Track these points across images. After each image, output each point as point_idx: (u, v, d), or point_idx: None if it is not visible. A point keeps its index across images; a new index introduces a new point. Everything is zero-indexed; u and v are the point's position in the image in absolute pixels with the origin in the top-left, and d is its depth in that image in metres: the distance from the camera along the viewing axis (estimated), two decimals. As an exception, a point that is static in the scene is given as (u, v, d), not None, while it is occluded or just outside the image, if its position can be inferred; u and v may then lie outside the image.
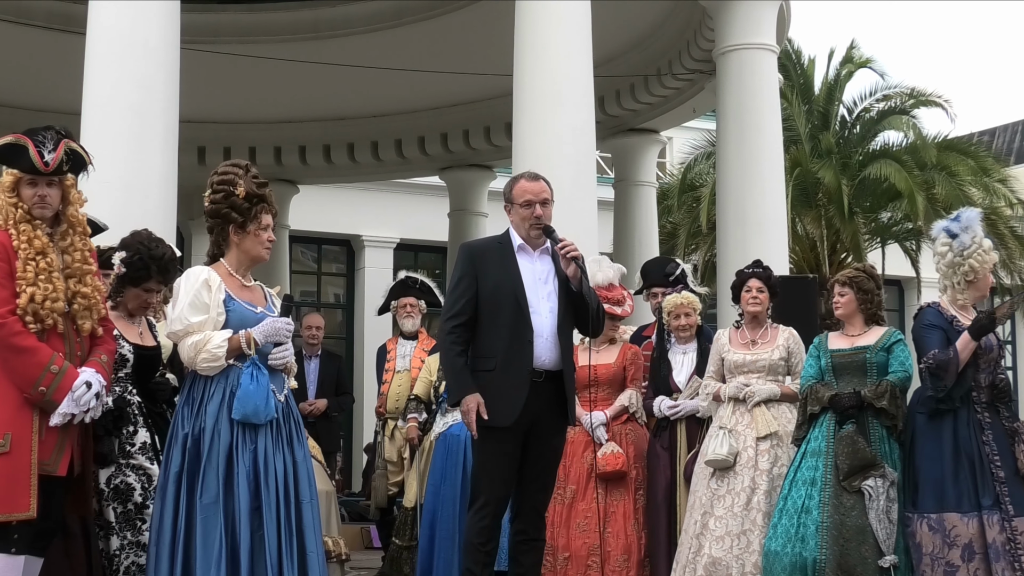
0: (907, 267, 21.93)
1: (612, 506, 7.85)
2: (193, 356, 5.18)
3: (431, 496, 8.33)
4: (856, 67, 20.92)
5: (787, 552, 6.75)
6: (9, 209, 5.03)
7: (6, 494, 4.79)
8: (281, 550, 5.11)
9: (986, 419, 6.53)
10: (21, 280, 4.92)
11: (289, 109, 16.56)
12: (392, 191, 21.94)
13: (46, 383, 4.84)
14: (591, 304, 6.09)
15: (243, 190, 5.34)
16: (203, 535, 5.01)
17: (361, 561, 10.88)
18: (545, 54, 10.24)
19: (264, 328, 5.28)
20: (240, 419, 5.14)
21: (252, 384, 5.18)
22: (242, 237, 5.39)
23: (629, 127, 16.27)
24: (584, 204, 10.11)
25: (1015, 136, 30.49)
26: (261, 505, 5.11)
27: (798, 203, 19.07)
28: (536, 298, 6.12)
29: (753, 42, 12.37)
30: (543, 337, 6.08)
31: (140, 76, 9.20)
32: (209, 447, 5.11)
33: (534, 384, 6.02)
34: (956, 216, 6.87)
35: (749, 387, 7.40)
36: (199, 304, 5.20)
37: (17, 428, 4.84)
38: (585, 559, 7.75)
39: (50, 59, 13.78)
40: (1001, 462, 6.43)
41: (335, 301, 23.89)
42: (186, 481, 5.10)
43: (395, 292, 10.07)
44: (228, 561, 5.01)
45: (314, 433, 10.02)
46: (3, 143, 5.04)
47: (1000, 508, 6.38)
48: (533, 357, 6.03)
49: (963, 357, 6.51)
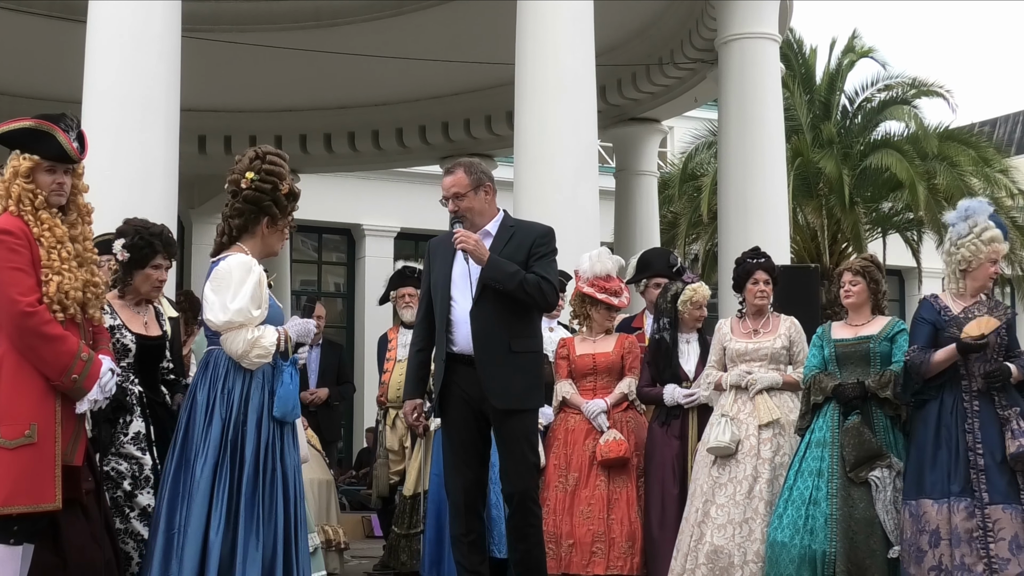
0: (908, 257, 21.94)
1: (615, 493, 7.86)
2: (248, 351, 5.18)
3: (436, 486, 8.33)
4: (858, 57, 20.91)
5: (795, 544, 6.74)
6: (27, 196, 4.95)
7: (33, 485, 4.76)
8: (297, 545, 5.20)
9: (974, 407, 6.48)
10: (47, 269, 4.87)
11: (290, 98, 16.54)
12: (393, 180, 21.93)
13: (78, 371, 4.82)
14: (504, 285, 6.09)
15: (287, 186, 5.44)
16: (244, 528, 5.05)
17: (362, 550, 10.88)
18: (547, 43, 10.24)
19: (298, 328, 5.37)
20: (280, 417, 5.22)
21: (292, 384, 5.28)
22: (272, 231, 5.46)
23: (630, 116, 16.27)
24: (585, 193, 10.12)
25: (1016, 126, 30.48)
26: (289, 500, 5.20)
27: (799, 193, 19.07)
28: (461, 286, 6.21)
29: (755, 31, 12.37)
30: (458, 323, 6.19)
31: (141, 65, 9.20)
32: (251, 441, 5.14)
33: (456, 368, 6.15)
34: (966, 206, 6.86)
35: (751, 375, 7.40)
36: (258, 297, 5.23)
37: (42, 419, 4.82)
38: (590, 546, 7.76)
39: (51, 48, 13.76)
40: (984, 449, 6.39)
41: (335, 290, 23.90)
42: (226, 473, 5.10)
43: (394, 282, 10.06)
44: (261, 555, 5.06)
45: (315, 422, 10.04)
46: (23, 127, 4.99)
47: (972, 495, 6.37)
48: (449, 343, 6.19)
49: (939, 363, 6.52)
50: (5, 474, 4.72)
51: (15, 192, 4.95)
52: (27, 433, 4.75)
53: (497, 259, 6.09)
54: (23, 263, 4.84)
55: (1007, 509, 6.32)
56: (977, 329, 6.46)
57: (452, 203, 6.24)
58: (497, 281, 6.06)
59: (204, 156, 16.75)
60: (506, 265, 6.09)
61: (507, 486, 6.25)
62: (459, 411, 6.16)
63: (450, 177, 6.30)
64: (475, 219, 6.24)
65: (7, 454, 4.73)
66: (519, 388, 6.17)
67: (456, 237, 6.11)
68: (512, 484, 6.19)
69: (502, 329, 6.12)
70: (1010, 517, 6.31)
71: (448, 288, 6.22)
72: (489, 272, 6.06)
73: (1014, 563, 6.24)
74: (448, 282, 6.22)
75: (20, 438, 4.73)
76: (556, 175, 10.08)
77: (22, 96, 14.86)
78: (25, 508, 4.76)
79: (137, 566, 5.55)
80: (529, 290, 6.11)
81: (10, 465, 4.73)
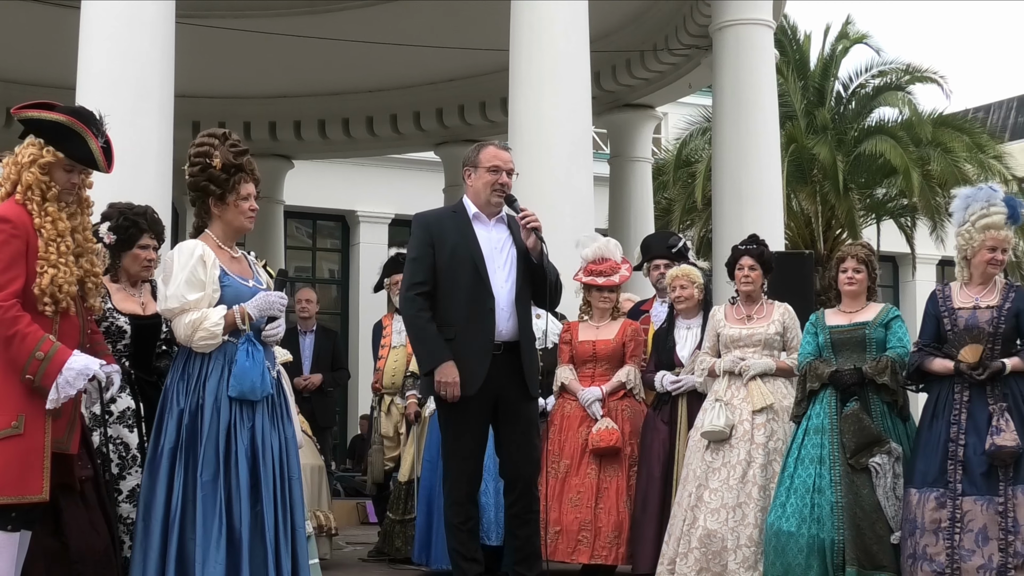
0: (902, 243, 21.96)
1: (605, 482, 7.87)
2: (190, 334, 5.14)
3: (428, 472, 8.34)
4: (852, 43, 20.92)
5: (803, 533, 6.75)
6: (40, 187, 4.88)
7: (19, 476, 4.71)
8: (277, 526, 5.13)
9: (964, 397, 6.48)
10: (43, 260, 4.81)
11: (284, 84, 16.52)
12: (387, 166, 21.92)
13: (32, 371, 4.72)
14: (549, 276, 6.07)
15: (219, 161, 5.28)
16: (203, 512, 4.99)
17: (357, 536, 10.90)
18: (542, 29, 10.23)
19: (258, 302, 5.24)
20: (237, 396, 5.12)
21: (248, 361, 5.15)
22: (223, 209, 5.34)
23: (625, 103, 16.26)
24: (580, 180, 10.11)
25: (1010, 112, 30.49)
26: (259, 482, 5.11)
27: (793, 179, 19.09)
28: (493, 267, 6.13)
29: (749, 17, 12.37)
30: (501, 307, 6.09)
31: (135, 51, 9.18)
32: (208, 424, 5.08)
33: (494, 355, 6.04)
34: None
35: (744, 361, 7.41)
36: (195, 281, 5.16)
37: (30, 409, 4.76)
38: (576, 534, 7.77)
39: (45, 33, 13.73)
40: (967, 440, 6.39)
41: (330, 277, 23.89)
42: (182, 457, 5.07)
43: (388, 269, 10.06)
44: (227, 538, 5.00)
45: (309, 408, 10.04)
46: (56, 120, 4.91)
47: (947, 486, 6.38)
48: (495, 327, 6.04)
49: (935, 372, 6.57)
50: None
51: (28, 180, 4.87)
52: (14, 424, 4.70)
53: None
54: (7, 255, 4.75)
55: (979, 501, 6.32)
56: (972, 356, 6.47)
57: (506, 176, 6.24)
58: (549, 270, 6.06)
59: (198, 142, 16.70)
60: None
61: (512, 472, 6.23)
62: (477, 399, 6.06)
63: (509, 153, 6.31)
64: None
65: None
66: (537, 376, 6.26)
67: (529, 217, 6.07)
68: (519, 470, 6.18)
69: (530, 316, 6.15)
70: (981, 509, 6.30)
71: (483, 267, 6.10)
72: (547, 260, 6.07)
73: (978, 555, 6.25)
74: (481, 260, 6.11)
75: (7, 428, 4.68)
76: (550, 161, 10.06)
77: (16, 82, 14.84)
78: (10, 500, 4.71)
79: (130, 550, 5.55)
80: (559, 286, 6.18)
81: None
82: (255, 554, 5.05)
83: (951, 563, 6.28)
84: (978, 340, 6.48)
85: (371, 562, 9.19)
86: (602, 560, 7.77)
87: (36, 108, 4.98)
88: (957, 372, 6.48)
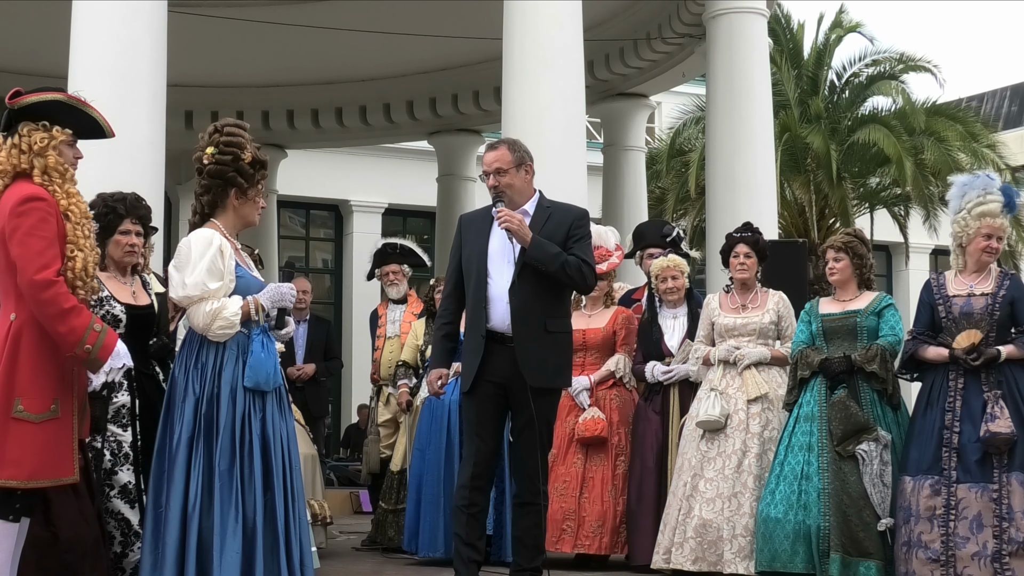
0: (895, 232, 21.98)
1: (591, 472, 7.88)
2: (209, 323, 5.18)
3: (417, 461, 8.35)
4: (845, 32, 20.90)
5: (790, 520, 6.78)
6: (61, 169, 4.91)
7: (55, 459, 4.76)
8: (288, 513, 5.18)
9: (959, 385, 6.50)
10: (71, 244, 4.83)
11: (277, 73, 16.48)
12: (381, 156, 21.90)
13: (91, 341, 4.76)
14: (547, 266, 6.07)
15: (250, 155, 5.36)
16: (220, 500, 5.04)
17: (351, 525, 10.91)
18: (535, 18, 10.21)
19: (270, 294, 5.33)
20: (252, 387, 5.18)
21: (263, 352, 5.23)
22: (243, 202, 5.40)
23: (618, 92, 16.24)
24: (573, 169, 10.10)
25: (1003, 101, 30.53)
26: (271, 470, 5.17)
27: (787, 168, 19.09)
28: (498, 263, 6.15)
29: (743, 6, 12.34)
30: (495, 300, 6.12)
31: (127, 40, 9.14)
32: (225, 413, 5.12)
33: (489, 346, 6.07)
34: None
35: (739, 350, 7.41)
36: (215, 270, 5.21)
37: (63, 393, 4.82)
38: (560, 523, 7.78)
39: (36, 22, 13.68)
40: (962, 428, 6.41)
41: (323, 266, 23.88)
42: (202, 447, 5.11)
43: (378, 260, 10.05)
44: (240, 525, 5.05)
45: (302, 398, 10.03)
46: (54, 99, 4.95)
47: (941, 473, 6.40)
48: (487, 320, 6.10)
49: (929, 360, 6.59)
50: (31, 448, 4.71)
51: (49, 162, 4.88)
52: (52, 408, 4.75)
53: (540, 240, 6.06)
54: (50, 233, 4.78)
55: (974, 488, 6.33)
56: (967, 341, 6.47)
57: (493, 178, 6.18)
58: (540, 262, 6.04)
59: (191, 132, 16.62)
60: (548, 246, 6.06)
61: (514, 463, 6.27)
62: (483, 387, 6.10)
63: (493, 153, 6.25)
64: (515, 197, 6.19)
65: (33, 428, 4.71)
66: (551, 367, 6.16)
67: (500, 216, 6.05)
68: (521, 462, 6.19)
69: (539, 308, 6.10)
70: (976, 496, 6.32)
71: (484, 264, 6.16)
72: (533, 252, 6.04)
73: (972, 542, 6.27)
74: (484, 258, 6.17)
75: (46, 412, 4.73)
76: (544, 150, 10.02)
77: (7, 71, 14.76)
78: (48, 482, 4.78)
79: (119, 545, 5.55)
80: (570, 272, 6.11)
81: (35, 439, 4.71)
82: (266, 541, 5.10)
83: (946, 550, 6.30)
84: (976, 327, 6.49)
85: (364, 551, 9.20)
86: (585, 549, 7.79)
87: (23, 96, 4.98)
88: (952, 360, 6.50)
